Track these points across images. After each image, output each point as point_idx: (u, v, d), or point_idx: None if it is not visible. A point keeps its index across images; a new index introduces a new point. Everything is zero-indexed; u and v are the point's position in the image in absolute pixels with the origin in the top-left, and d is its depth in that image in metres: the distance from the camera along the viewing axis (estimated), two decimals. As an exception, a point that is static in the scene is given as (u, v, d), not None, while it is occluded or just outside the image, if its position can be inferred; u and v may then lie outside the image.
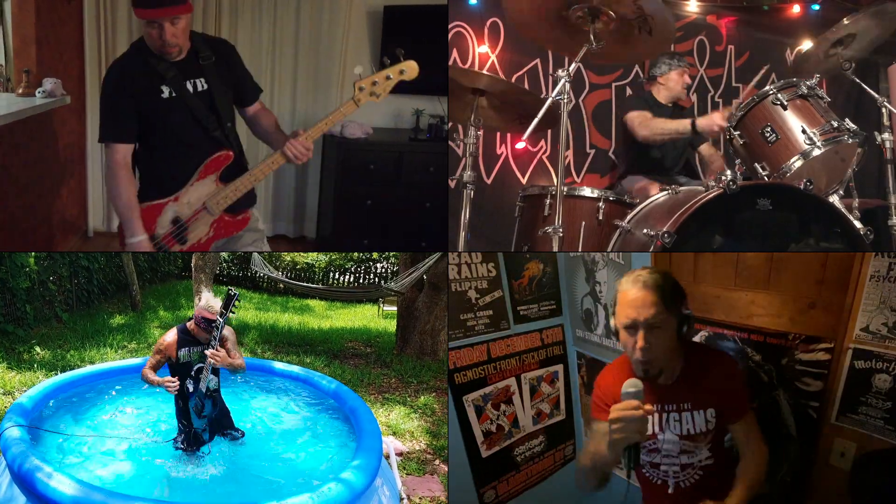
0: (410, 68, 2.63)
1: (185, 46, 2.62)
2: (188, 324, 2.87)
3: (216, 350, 2.68)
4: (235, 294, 2.68)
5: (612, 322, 2.01)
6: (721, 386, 2.00)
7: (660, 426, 2.02)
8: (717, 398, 2.00)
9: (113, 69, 2.68)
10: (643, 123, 3.55)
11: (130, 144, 2.60)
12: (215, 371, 2.80)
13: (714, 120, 3.26)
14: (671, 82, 3.78)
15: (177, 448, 2.79)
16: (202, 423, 2.78)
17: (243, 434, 3.04)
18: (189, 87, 2.63)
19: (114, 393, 3.54)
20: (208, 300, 2.84)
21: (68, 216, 4.56)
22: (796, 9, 5.13)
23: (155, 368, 2.83)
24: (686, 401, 2.01)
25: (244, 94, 2.84)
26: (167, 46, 2.54)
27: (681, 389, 2.01)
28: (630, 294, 1.92)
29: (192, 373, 2.76)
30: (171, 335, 2.85)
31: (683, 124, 3.37)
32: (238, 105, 2.85)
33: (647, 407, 1.73)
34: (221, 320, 2.66)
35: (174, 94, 2.58)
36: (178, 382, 2.72)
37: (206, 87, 2.65)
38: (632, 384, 1.78)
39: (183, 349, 2.82)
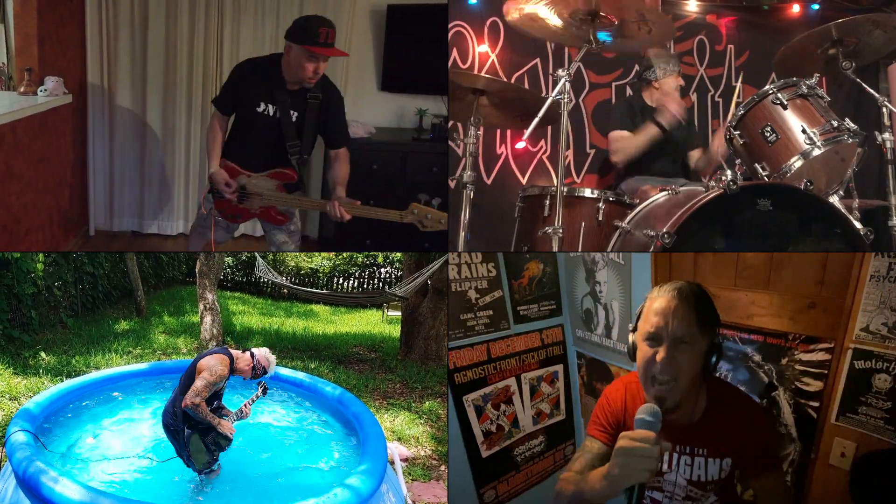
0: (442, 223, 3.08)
1: None
2: (235, 354, 2.73)
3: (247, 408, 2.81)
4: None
5: (630, 338, 1.77)
6: (743, 437, 1.74)
7: (668, 465, 1.79)
8: (736, 450, 1.75)
9: (246, 63, 3.24)
10: (617, 150, 3.74)
11: (227, 116, 3.29)
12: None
13: (670, 109, 3.59)
14: (665, 86, 3.81)
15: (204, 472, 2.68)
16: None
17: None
18: (289, 114, 3.15)
19: (117, 395, 3.53)
20: (270, 355, 2.81)
21: (70, 215, 4.57)
22: (796, 9, 5.12)
23: None
24: (702, 447, 1.76)
25: (330, 138, 3.31)
26: (314, 77, 3.05)
27: (698, 433, 1.76)
28: (660, 302, 1.67)
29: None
30: (227, 366, 2.66)
31: (652, 130, 3.62)
32: (325, 144, 3.35)
33: (665, 443, 1.46)
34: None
35: (275, 115, 3.14)
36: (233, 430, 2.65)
37: (301, 119, 3.16)
38: (650, 411, 1.52)
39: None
